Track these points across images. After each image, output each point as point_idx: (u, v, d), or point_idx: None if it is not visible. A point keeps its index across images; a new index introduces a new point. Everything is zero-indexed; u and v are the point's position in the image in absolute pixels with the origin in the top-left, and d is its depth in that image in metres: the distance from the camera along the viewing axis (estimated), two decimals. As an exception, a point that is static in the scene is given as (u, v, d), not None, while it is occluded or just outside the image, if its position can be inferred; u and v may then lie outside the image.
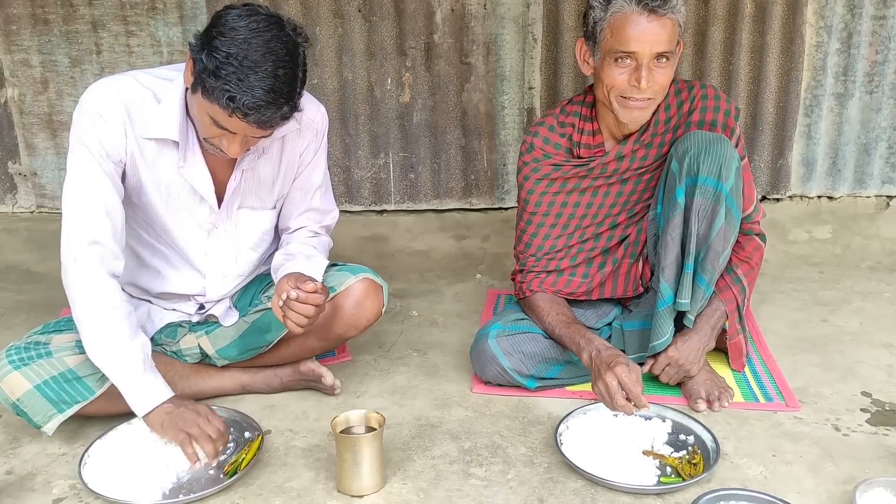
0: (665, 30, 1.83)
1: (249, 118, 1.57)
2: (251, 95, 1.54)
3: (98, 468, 1.73)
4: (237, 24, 1.56)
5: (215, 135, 1.66)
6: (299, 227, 2.04)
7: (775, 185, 3.05)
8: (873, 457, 1.77)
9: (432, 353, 2.33)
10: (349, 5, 2.88)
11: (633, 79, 1.86)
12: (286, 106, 1.60)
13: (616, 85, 1.88)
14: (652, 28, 1.82)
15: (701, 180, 1.86)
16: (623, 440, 1.79)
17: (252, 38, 1.55)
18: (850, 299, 2.62)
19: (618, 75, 1.87)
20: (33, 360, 1.80)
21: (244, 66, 1.54)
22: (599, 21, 1.87)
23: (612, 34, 1.85)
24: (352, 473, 1.66)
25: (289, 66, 1.58)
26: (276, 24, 1.59)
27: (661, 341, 1.95)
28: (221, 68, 1.54)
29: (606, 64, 1.88)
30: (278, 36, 1.58)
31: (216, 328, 2.03)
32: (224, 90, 1.54)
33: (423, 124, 3.02)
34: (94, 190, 1.73)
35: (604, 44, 1.88)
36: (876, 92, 2.94)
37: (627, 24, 1.83)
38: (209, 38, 1.57)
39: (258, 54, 1.55)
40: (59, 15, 2.92)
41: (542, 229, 2.10)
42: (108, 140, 1.72)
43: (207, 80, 1.56)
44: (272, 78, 1.56)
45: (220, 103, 1.56)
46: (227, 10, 1.60)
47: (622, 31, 1.83)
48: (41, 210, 3.18)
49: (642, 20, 1.82)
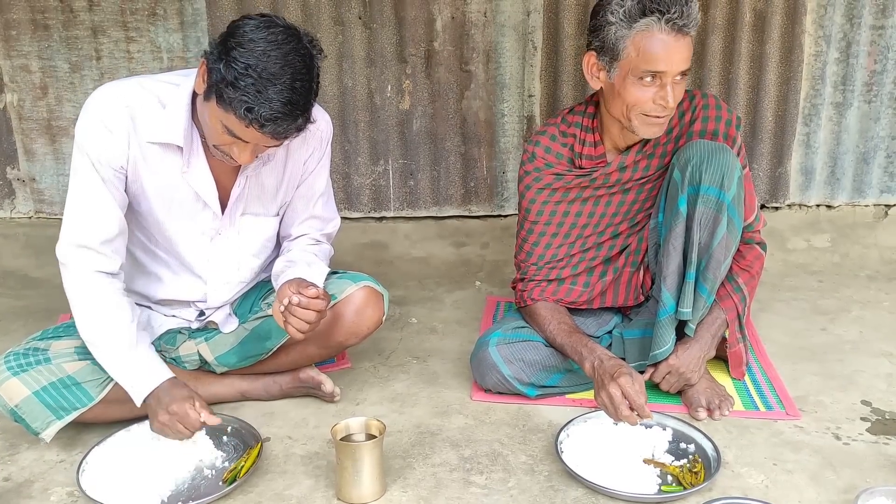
0: (688, 48, 1.81)
1: (266, 129, 1.59)
2: (269, 107, 1.55)
3: (96, 475, 1.72)
4: (256, 36, 1.57)
5: (227, 143, 1.66)
6: (301, 235, 2.03)
7: (774, 194, 3.06)
8: (874, 466, 1.77)
9: (432, 360, 2.33)
10: (350, 12, 2.89)
11: (658, 97, 1.83)
12: (301, 118, 1.62)
13: (640, 103, 1.85)
14: (679, 47, 1.79)
15: (703, 189, 1.86)
16: (624, 448, 1.79)
17: (271, 51, 1.56)
18: (850, 308, 2.62)
19: (642, 94, 1.83)
20: (32, 366, 1.79)
21: (263, 78, 1.54)
22: (622, 38, 1.81)
23: (637, 53, 1.80)
24: (352, 481, 1.65)
25: (305, 79, 1.60)
26: (294, 36, 1.61)
27: (662, 350, 1.94)
28: (240, 79, 1.55)
29: (629, 82, 1.84)
30: (296, 48, 1.59)
31: (216, 335, 2.03)
32: (242, 101, 1.55)
33: (423, 131, 3.02)
34: (88, 196, 1.75)
35: (626, 62, 1.82)
36: (874, 101, 2.95)
37: (656, 44, 1.78)
38: (227, 49, 1.57)
39: (277, 66, 1.55)
40: (59, 21, 2.92)
41: (544, 238, 2.10)
42: (108, 148, 1.73)
43: (225, 91, 1.57)
44: (290, 90, 1.57)
45: (237, 114, 1.57)
46: (245, 20, 1.61)
47: (650, 50, 1.78)
48: (39, 215, 3.17)
49: (670, 40, 1.78)
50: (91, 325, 1.77)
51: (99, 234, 1.76)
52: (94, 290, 1.77)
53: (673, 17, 1.76)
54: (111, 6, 2.90)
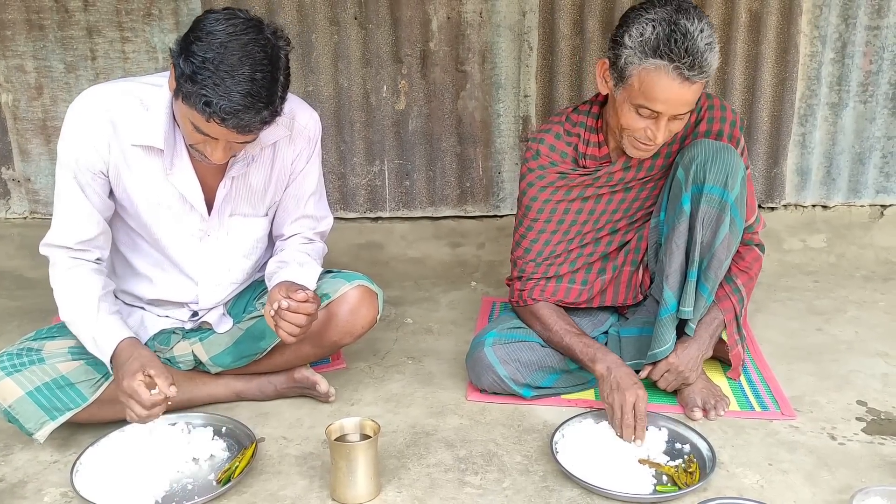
0: (694, 94, 1.77)
1: (227, 123, 1.56)
2: (228, 100, 1.53)
3: (90, 476, 1.72)
4: (214, 28, 1.54)
5: (198, 141, 1.65)
6: (293, 234, 2.03)
7: (770, 194, 3.06)
8: (869, 466, 1.77)
9: (427, 360, 2.32)
10: (345, 13, 2.88)
11: (649, 130, 1.82)
12: (266, 110, 1.58)
13: (631, 130, 1.85)
14: (682, 93, 1.75)
15: (707, 188, 1.86)
16: (619, 448, 1.79)
17: (229, 42, 1.53)
18: (845, 308, 2.62)
19: (635, 123, 1.82)
20: (25, 366, 1.79)
21: (220, 71, 1.52)
22: (630, 66, 1.77)
23: (639, 85, 1.77)
24: (346, 481, 1.65)
25: (267, 70, 1.56)
26: (255, 27, 1.57)
27: (663, 349, 1.94)
28: (198, 73, 1.52)
29: (627, 108, 1.82)
30: (256, 39, 1.56)
31: (210, 335, 2.02)
32: (200, 95, 1.53)
33: (419, 132, 3.02)
34: (67, 200, 1.78)
35: (629, 88, 1.80)
36: (870, 102, 2.95)
37: (658, 85, 1.74)
38: (187, 43, 1.55)
39: (235, 58, 1.52)
40: (55, 21, 2.91)
41: (543, 235, 2.08)
42: (86, 154, 1.74)
43: (185, 85, 1.55)
44: (249, 82, 1.53)
45: (197, 108, 1.55)
46: (207, 14, 1.59)
47: (652, 89, 1.75)
48: (34, 216, 3.16)
49: (675, 85, 1.74)
50: (63, 301, 1.80)
51: (76, 236, 1.80)
52: (69, 271, 1.81)
53: (683, 66, 1.71)
54: (106, 6, 2.89)
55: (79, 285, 1.80)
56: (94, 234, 1.81)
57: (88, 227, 1.80)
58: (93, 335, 1.76)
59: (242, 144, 1.69)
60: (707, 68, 1.74)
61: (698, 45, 1.71)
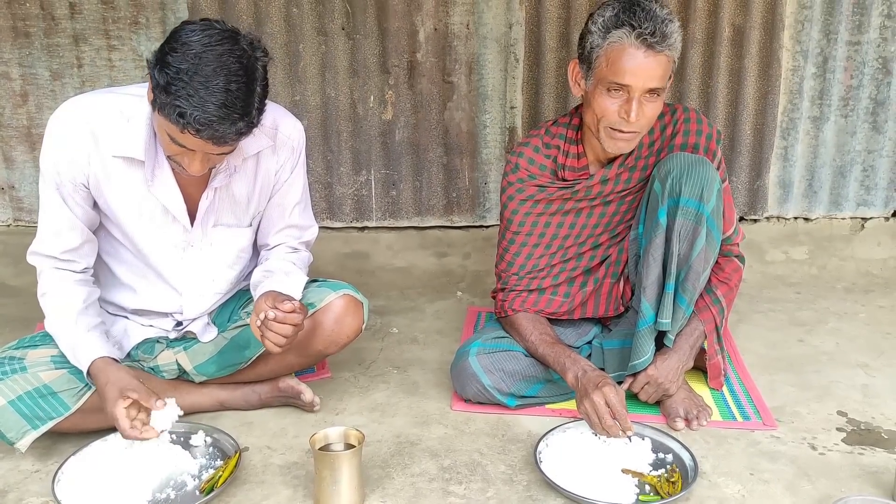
0: (660, 66, 1.82)
1: (202, 134, 1.55)
2: (202, 111, 1.52)
3: (72, 485, 1.70)
4: (190, 39, 1.53)
5: (176, 152, 1.65)
6: (278, 244, 2.02)
7: (752, 207, 3.09)
8: (849, 476, 1.78)
9: (412, 370, 2.32)
10: (333, 23, 2.90)
11: (623, 111, 1.85)
12: (241, 121, 1.57)
13: (606, 115, 1.87)
14: (648, 63, 1.81)
15: (683, 202, 1.88)
16: (602, 458, 1.79)
17: (204, 53, 1.52)
18: (826, 320, 2.64)
19: (609, 105, 1.86)
20: (7, 375, 1.78)
21: (194, 82, 1.51)
22: (596, 47, 1.84)
23: (607, 63, 1.83)
24: (330, 491, 1.64)
25: (242, 81, 1.55)
26: (231, 38, 1.56)
27: (641, 360, 1.95)
28: (172, 84, 1.52)
29: (598, 92, 1.87)
30: (231, 50, 1.55)
31: (194, 344, 2.01)
32: (175, 106, 1.52)
33: (406, 142, 3.03)
34: (50, 211, 1.80)
35: (598, 71, 1.86)
36: (851, 116, 2.99)
37: (624, 57, 1.81)
38: (163, 54, 1.55)
39: (209, 69, 1.52)
40: (41, 28, 2.91)
41: (525, 248, 2.10)
42: (66, 166, 1.75)
43: (160, 96, 1.55)
44: (223, 93, 1.52)
45: (171, 119, 1.54)
46: (183, 25, 1.58)
47: (618, 62, 1.81)
48: (18, 223, 3.14)
49: (639, 55, 1.80)
50: (47, 312, 1.82)
51: (61, 246, 1.81)
52: (53, 283, 1.82)
53: (644, 31, 1.78)
54: (93, 14, 2.89)
55: (61, 297, 1.81)
56: (78, 243, 1.82)
57: (72, 238, 1.81)
58: (72, 348, 1.78)
59: (221, 156, 1.68)
60: (669, 38, 1.81)
61: (658, 14, 1.81)
